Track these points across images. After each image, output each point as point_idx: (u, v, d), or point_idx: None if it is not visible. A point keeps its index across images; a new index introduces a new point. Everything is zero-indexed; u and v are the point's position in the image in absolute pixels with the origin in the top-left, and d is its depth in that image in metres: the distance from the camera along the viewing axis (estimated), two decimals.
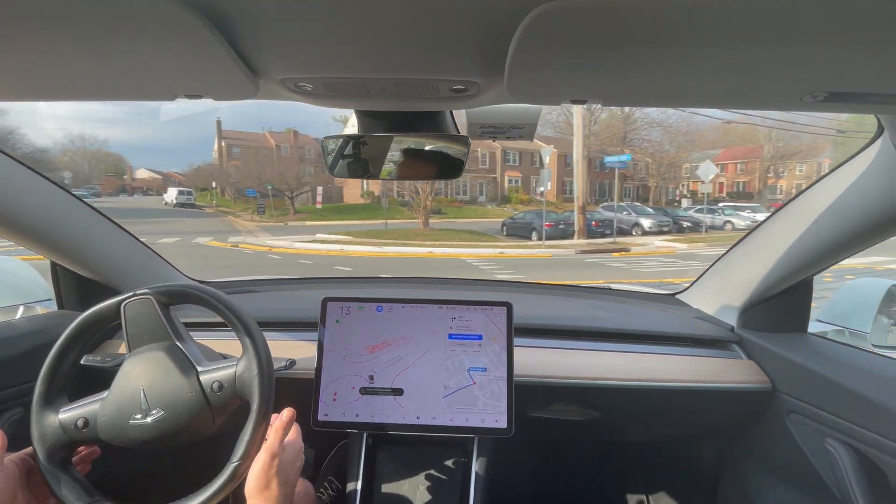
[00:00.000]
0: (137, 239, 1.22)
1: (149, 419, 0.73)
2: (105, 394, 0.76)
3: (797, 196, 0.94)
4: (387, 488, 0.94)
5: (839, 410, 0.86)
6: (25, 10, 0.41)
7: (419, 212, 16.37)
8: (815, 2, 0.37)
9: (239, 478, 0.69)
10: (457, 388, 0.93)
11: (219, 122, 36.55)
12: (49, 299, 1.18)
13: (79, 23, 0.43)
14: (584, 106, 0.65)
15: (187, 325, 1.17)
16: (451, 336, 0.96)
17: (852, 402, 0.84)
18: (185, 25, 0.42)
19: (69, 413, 0.74)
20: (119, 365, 0.81)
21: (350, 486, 0.93)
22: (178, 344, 0.78)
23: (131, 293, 0.79)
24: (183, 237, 14.18)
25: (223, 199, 33.79)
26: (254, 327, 0.77)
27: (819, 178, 0.88)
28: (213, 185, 33.51)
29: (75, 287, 1.13)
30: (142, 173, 52.26)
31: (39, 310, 1.18)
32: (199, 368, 0.76)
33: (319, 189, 24.47)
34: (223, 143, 36.60)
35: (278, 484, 0.68)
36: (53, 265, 1.11)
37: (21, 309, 1.16)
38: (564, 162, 26.56)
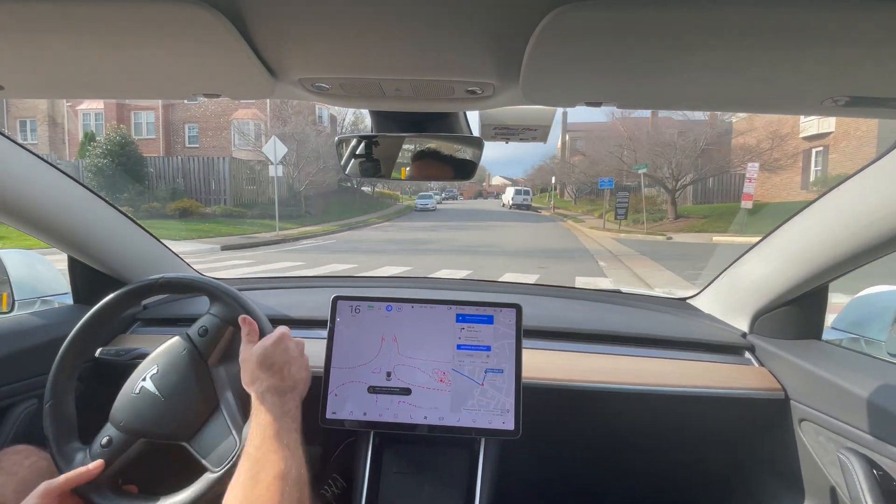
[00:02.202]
0: (153, 235, 1.24)
1: (147, 380, 0.78)
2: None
3: (814, 201, 0.93)
4: (392, 487, 0.95)
5: (853, 420, 0.85)
6: (48, 9, 0.42)
7: None
8: (837, 4, 0.37)
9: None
10: (465, 389, 0.93)
11: (564, 114, 28.79)
12: (67, 293, 1.20)
13: (100, 22, 0.44)
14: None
15: (194, 319, 1.20)
16: (459, 336, 0.96)
17: (867, 412, 0.83)
18: (205, 24, 0.43)
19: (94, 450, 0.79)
20: (134, 358, 0.83)
21: (356, 485, 0.94)
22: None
23: (142, 280, 0.81)
24: (504, 259, 9.17)
25: (561, 199, 29.55)
26: (265, 323, 0.78)
27: (838, 182, 0.86)
28: (553, 181, 28.82)
29: (91, 282, 1.15)
30: (496, 180, 61.31)
31: (56, 303, 1.20)
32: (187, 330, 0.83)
33: (752, 173, 12.74)
34: (566, 138, 32.33)
35: (262, 371, 0.73)
36: (71, 260, 1.13)
37: (38, 303, 1.19)
38: None
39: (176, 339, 0.83)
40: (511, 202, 27.04)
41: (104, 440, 0.78)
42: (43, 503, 0.68)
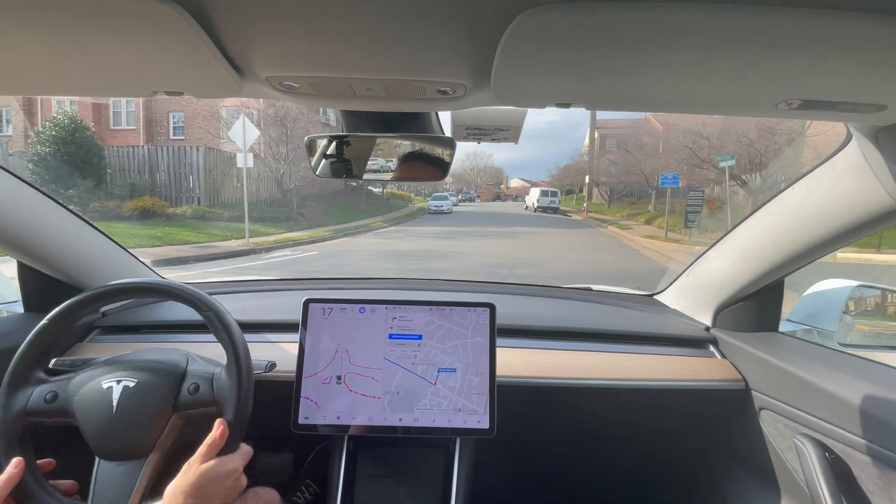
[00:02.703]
0: (110, 238, 1.18)
1: (116, 385, 0.74)
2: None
3: (770, 200, 0.98)
4: (367, 491, 0.94)
5: (807, 406, 0.90)
6: (1, 3, 0.39)
7: None
8: (793, 13, 0.39)
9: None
10: (441, 389, 0.93)
11: (593, 113, 22.05)
12: (16, 301, 1.13)
13: (57, 17, 0.42)
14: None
15: (163, 326, 1.15)
16: (434, 337, 0.96)
17: (819, 399, 0.87)
18: (166, 20, 0.41)
19: (39, 389, 0.76)
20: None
21: (329, 490, 0.92)
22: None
23: (105, 286, 0.77)
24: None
25: (590, 202, 25.52)
26: (234, 328, 0.76)
27: (791, 182, 0.91)
28: (587, 180, 25.60)
29: (43, 288, 1.09)
30: (515, 182, 59.92)
31: (4, 312, 1.13)
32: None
33: None
34: (596, 135, 28.77)
35: (194, 496, 0.67)
36: (21, 265, 1.06)
37: None
38: None
39: (165, 376, 0.77)
40: (536, 204, 24.34)
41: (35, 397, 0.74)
42: None
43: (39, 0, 0.39)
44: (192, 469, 0.68)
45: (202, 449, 0.70)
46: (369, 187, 22.46)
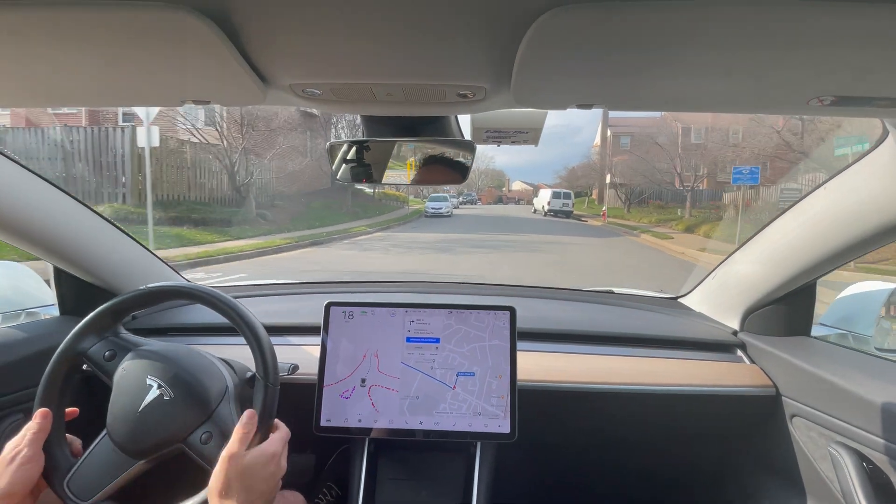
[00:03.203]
0: (139, 243, 1.22)
1: (159, 388, 0.75)
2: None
3: (801, 199, 0.95)
4: (388, 494, 0.94)
5: (843, 414, 0.86)
6: (38, 19, 0.41)
7: None
8: (822, 6, 0.38)
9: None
10: (460, 393, 0.93)
11: (605, 111, 17.63)
12: (53, 304, 1.18)
13: (89, 29, 0.43)
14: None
15: (192, 329, 1.18)
16: (452, 340, 0.95)
17: (856, 406, 0.84)
18: (195, 32, 0.43)
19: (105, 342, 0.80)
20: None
21: (351, 493, 0.93)
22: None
23: (137, 289, 0.80)
24: None
25: (600, 205, 23.99)
26: (261, 331, 0.77)
27: (823, 181, 0.88)
28: (608, 180, 23.54)
29: (78, 292, 1.13)
30: (517, 185, 59.53)
31: (42, 315, 1.18)
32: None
33: None
34: (609, 134, 26.95)
35: (239, 489, 0.65)
36: (57, 270, 1.11)
37: (23, 315, 1.16)
38: None
39: (196, 405, 0.77)
40: (547, 207, 21.44)
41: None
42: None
43: (79, 19, 0.41)
44: (233, 460, 0.67)
45: (234, 439, 0.69)
46: (357, 186, 16.81)
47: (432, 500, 0.93)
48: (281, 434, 0.74)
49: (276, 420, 0.75)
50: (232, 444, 0.68)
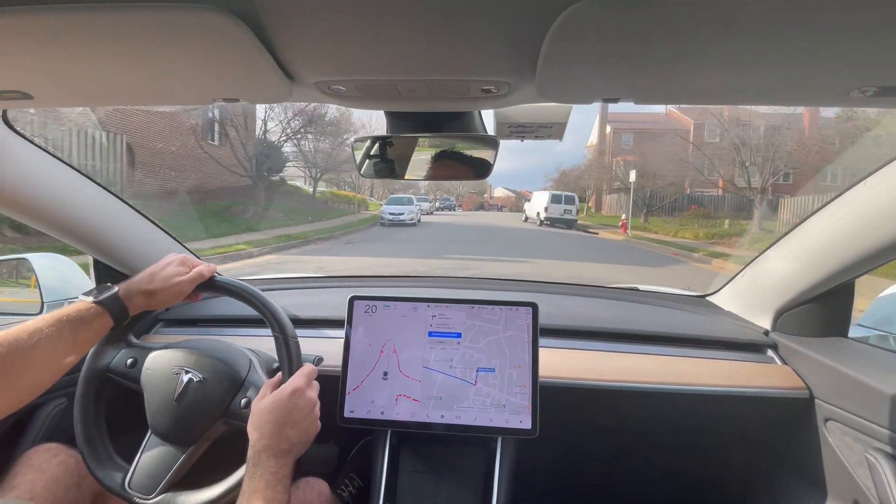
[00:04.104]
0: (173, 236, 1.26)
1: (187, 374, 0.80)
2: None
3: (840, 195, 0.90)
4: (409, 486, 0.95)
5: (882, 419, 0.83)
6: (76, 21, 0.43)
7: None
8: None
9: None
10: (482, 388, 0.93)
11: (604, 106, 17.48)
12: None
13: (122, 30, 0.45)
14: None
15: (221, 320, 1.22)
16: (477, 336, 0.96)
17: None
18: (224, 30, 0.44)
19: (124, 352, 0.86)
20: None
21: (373, 484, 0.94)
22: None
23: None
24: None
25: (598, 213, 20.86)
26: (288, 325, 0.80)
27: (863, 176, 0.84)
28: (632, 178, 15.85)
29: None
30: (498, 192, 59.24)
31: None
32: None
33: None
34: (608, 130, 23.89)
35: (272, 431, 0.68)
36: (96, 262, 1.16)
37: (66, 304, 1.22)
38: None
39: (227, 378, 0.83)
40: (544, 215, 16.80)
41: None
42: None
43: (115, 21, 0.43)
44: (255, 405, 0.72)
45: (265, 385, 0.75)
46: (289, 182, 14.41)
47: (453, 493, 0.94)
48: (304, 372, 0.76)
49: (311, 365, 0.79)
50: (297, 381, 0.73)
